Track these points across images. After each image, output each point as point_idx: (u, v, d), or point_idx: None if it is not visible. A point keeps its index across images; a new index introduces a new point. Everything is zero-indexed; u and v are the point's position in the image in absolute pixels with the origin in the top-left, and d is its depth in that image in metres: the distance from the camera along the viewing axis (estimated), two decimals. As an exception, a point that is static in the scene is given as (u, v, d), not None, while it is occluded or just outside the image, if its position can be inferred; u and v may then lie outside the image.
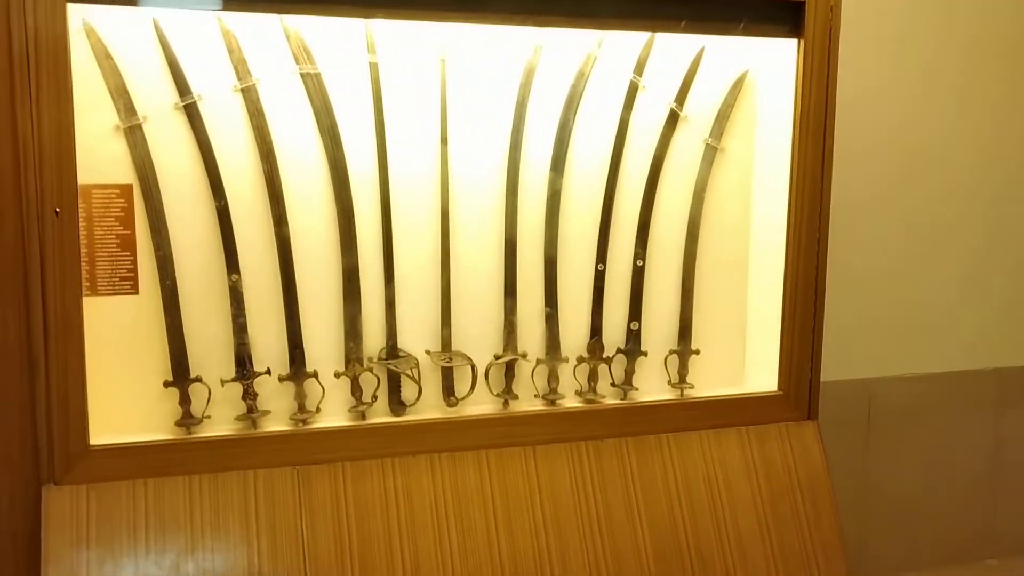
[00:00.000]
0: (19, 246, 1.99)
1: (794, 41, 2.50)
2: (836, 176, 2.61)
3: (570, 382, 2.69)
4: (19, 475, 2.07)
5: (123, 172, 2.28)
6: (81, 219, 2.11)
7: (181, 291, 2.35)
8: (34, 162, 1.95)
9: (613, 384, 2.74)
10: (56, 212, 1.98)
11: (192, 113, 2.32)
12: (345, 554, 2.20)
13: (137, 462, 2.13)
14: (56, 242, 2.00)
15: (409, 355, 2.56)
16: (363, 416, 2.50)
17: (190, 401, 2.38)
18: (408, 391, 2.55)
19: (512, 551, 2.31)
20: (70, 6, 2.00)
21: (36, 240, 1.99)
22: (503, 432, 2.45)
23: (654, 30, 2.47)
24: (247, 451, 2.24)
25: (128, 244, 2.31)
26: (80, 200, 2.09)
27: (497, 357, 2.62)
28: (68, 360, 2.04)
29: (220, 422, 2.40)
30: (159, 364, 2.36)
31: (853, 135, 2.96)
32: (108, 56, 2.21)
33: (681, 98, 2.68)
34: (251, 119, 2.36)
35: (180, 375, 2.37)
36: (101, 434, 2.15)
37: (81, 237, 2.09)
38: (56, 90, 1.96)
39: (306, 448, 2.29)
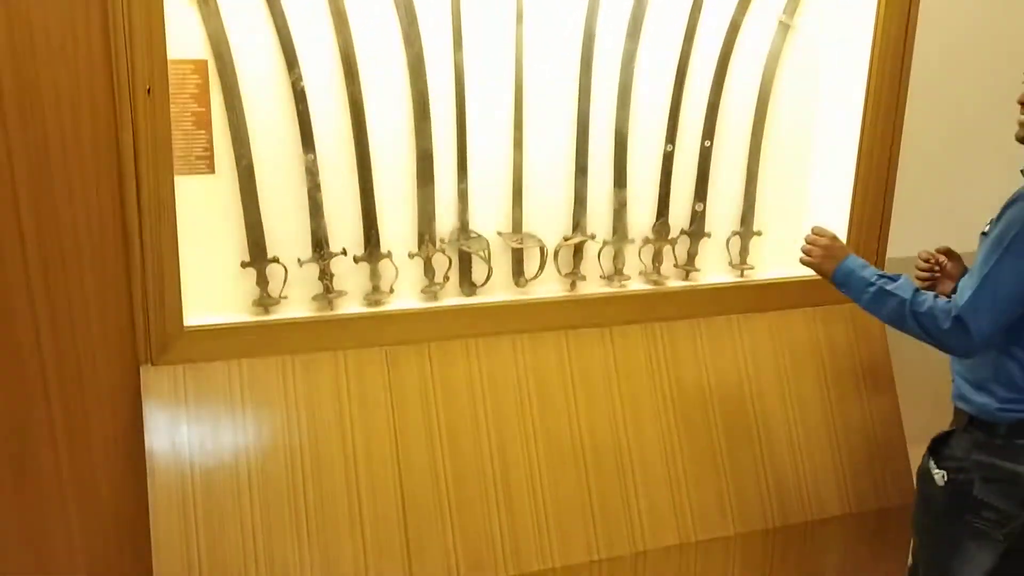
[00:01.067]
0: (113, 125, 1.93)
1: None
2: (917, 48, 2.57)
3: (635, 263, 2.71)
4: (118, 355, 2.08)
5: (197, 47, 2.20)
6: (158, 96, 2.05)
7: (257, 171, 2.32)
8: (124, 40, 1.88)
9: (676, 265, 2.76)
10: (148, 91, 1.92)
11: (267, -13, 2.23)
12: (434, 433, 2.25)
13: (231, 343, 2.15)
14: (148, 121, 1.95)
15: (480, 236, 2.55)
16: (435, 296, 2.51)
17: (267, 281, 2.38)
18: (479, 271, 2.56)
19: (591, 427, 2.38)
20: None
21: (129, 119, 1.93)
22: (579, 314, 2.48)
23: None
24: (337, 331, 2.25)
25: (203, 122, 2.26)
26: (155, 76, 2.02)
27: (566, 239, 2.62)
28: (162, 241, 2.02)
29: (297, 302, 2.41)
30: (236, 244, 2.35)
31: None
32: (180, -78, 2.11)
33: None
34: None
35: (257, 255, 2.36)
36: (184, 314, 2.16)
37: (159, 115, 2.04)
38: (145, -37, 1.87)
39: (393, 329, 2.30)
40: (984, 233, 1.98)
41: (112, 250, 2.02)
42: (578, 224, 2.62)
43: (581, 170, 2.58)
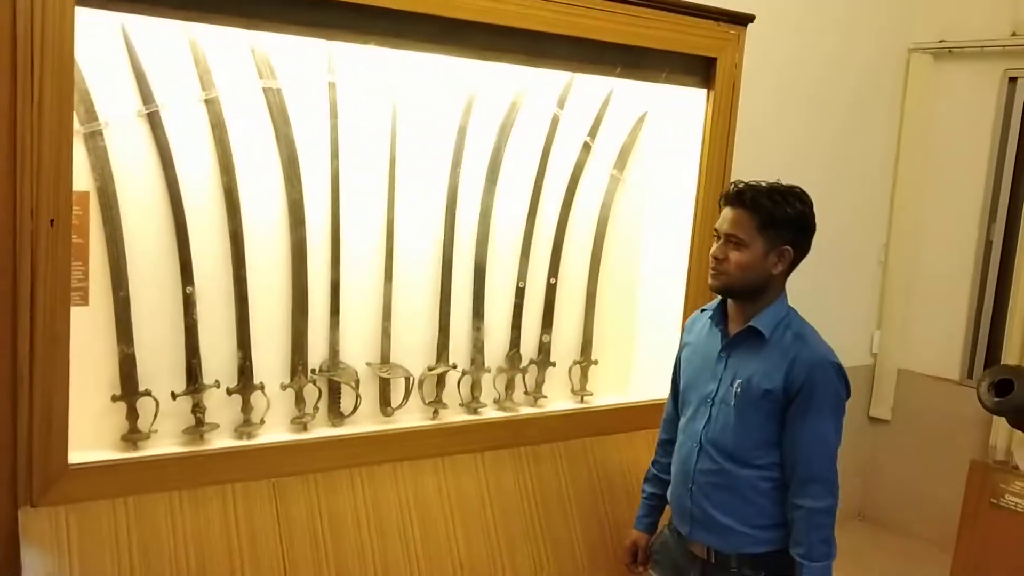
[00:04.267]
0: (11, 257, 1.88)
1: (703, 91, 2.85)
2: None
3: (489, 391, 2.88)
4: None
5: (80, 179, 2.19)
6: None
7: (133, 302, 2.30)
8: (31, 171, 1.87)
9: (526, 392, 2.96)
10: (51, 222, 1.90)
11: (155, 122, 2.28)
12: (322, 563, 2.26)
13: (116, 480, 2.07)
14: (50, 252, 1.91)
15: (349, 367, 2.64)
16: (305, 427, 2.54)
17: (138, 415, 2.33)
18: (347, 401, 2.63)
19: (469, 549, 2.47)
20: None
21: (28, 250, 1.89)
22: (451, 440, 2.60)
23: (595, 73, 2.71)
24: (225, 465, 2.23)
25: (81, 254, 2.23)
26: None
27: (430, 368, 2.76)
28: (55, 376, 1.95)
29: (166, 436, 2.37)
30: (106, 378, 2.29)
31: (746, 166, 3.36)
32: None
33: (593, 132, 2.96)
34: (213, 131, 2.36)
35: (129, 389, 2.32)
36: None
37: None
38: (59, 95, 1.88)
39: (281, 460, 2.31)
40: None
41: (3, 385, 1.93)
42: (441, 355, 2.76)
43: (445, 303, 2.74)
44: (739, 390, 2.12)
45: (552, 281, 2.97)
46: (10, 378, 1.93)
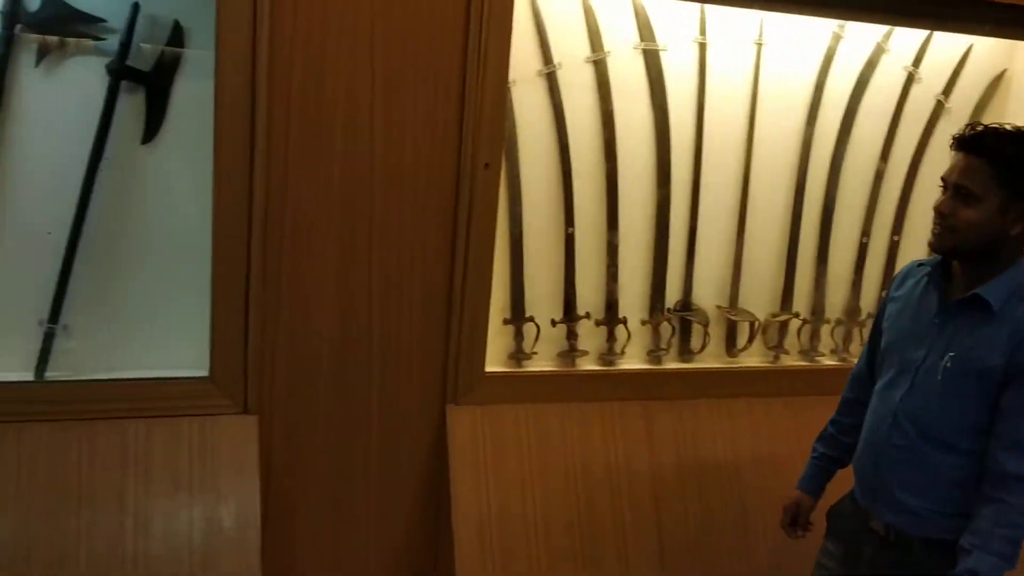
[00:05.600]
0: (454, 195, 2.25)
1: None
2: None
3: (827, 341, 3.00)
4: (429, 393, 2.37)
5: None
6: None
7: (525, 239, 2.62)
8: (474, 120, 2.21)
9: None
10: (486, 165, 2.25)
11: (551, 80, 2.57)
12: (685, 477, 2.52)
13: (521, 389, 2.43)
14: (482, 192, 2.26)
15: (701, 308, 2.85)
16: (659, 360, 2.80)
17: (523, 337, 2.67)
18: (696, 340, 2.85)
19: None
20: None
21: (468, 190, 2.25)
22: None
23: (958, 31, 2.74)
24: (606, 385, 2.53)
25: (489, 198, 2.58)
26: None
27: (774, 315, 2.92)
28: (480, 294, 2.32)
29: (543, 358, 2.69)
30: (499, 304, 2.64)
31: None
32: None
33: (947, 90, 2.97)
34: (599, 89, 2.62)
35: (517, 314, 2.66)
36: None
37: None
38: (499, 53, 2.21)
39: (653, 385, 2.59)
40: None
41: (438, 297, 2.32)
42: (784, 303, 2.92)
43: (791, 255, 2.89)
44: (949, 363, 1.85)
45: (895, 239, 3.03)
46: (446, 294, 2.32)
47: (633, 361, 2.79)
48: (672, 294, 2.82)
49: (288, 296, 2.24)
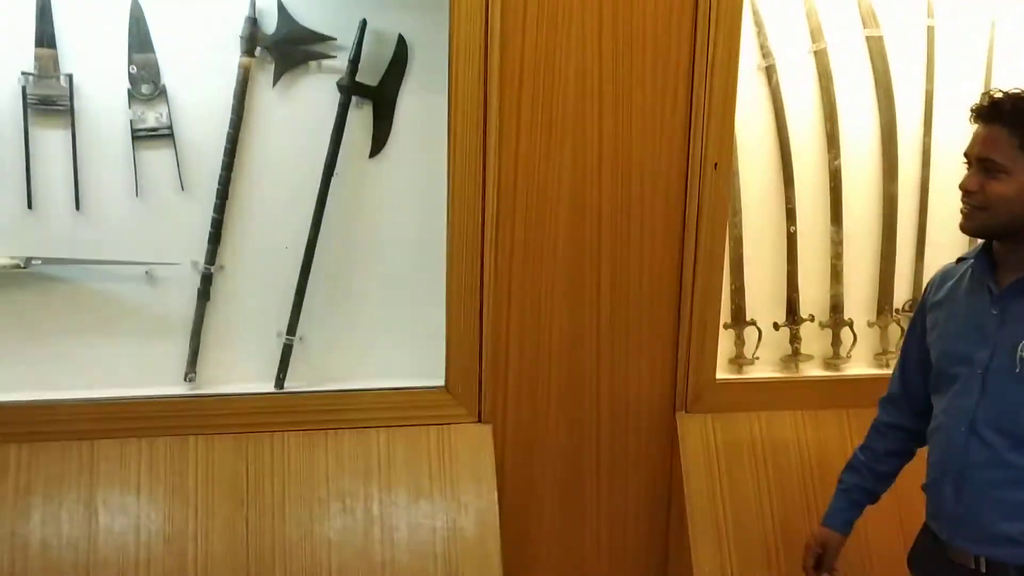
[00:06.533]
0: (683, 195, 2.20)
1: None
2: None
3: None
4: (657, 399, 2.33)
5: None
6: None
7: (744, 239, 2.53)
8: (702, 122, 2.15)
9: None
10: (715, 165, 2.18)
11: (769, 73, 2.48)
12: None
13: (752, 396, 2.34)
14: (711, 191, 2.20)
15: (932, 308, 2.68)
16: (887, 364, 2.64)
17: (744, 342, 2.57)
18: (927, 342, 2.68)
19: None
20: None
21: (696, 190, 2.19)
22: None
23: None
24: (838, 390, 2.42)
25: (704, 195, 2.50)
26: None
27: (1013, 313, 2.72)
28: (710, 295, 2.26)
29: (766, 363, 2.59)
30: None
31: None
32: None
33: None
34: (820, 80, 2.51)
35: (738, 318, 2.56)
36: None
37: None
38: (728, 52, 2.15)
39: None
40: None
41: (667, 302, 2.28)
42: None
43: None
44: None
45: None
46: (675, 298, 2.27)
47: (860, 365, 2.65)
48: (901, 294, 2.67)
49: (518, 304, 2.24)
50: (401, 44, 2.27)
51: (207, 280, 2.24)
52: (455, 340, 2.19)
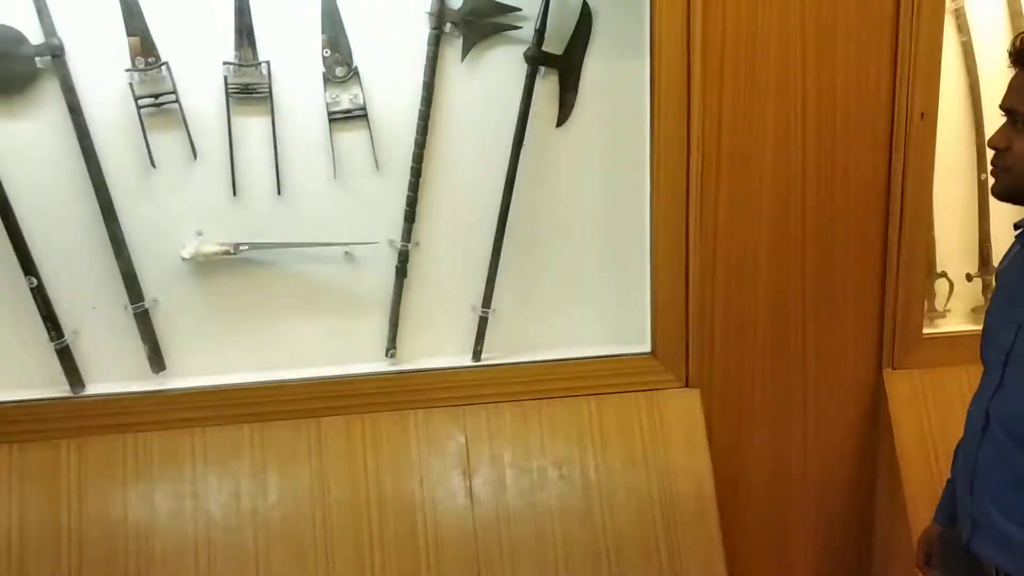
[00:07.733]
0: (888, 146, 2.15)
1: None
2: None
3: None
4: (863, 356, 2.31)
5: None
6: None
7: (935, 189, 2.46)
8: (909, 69, 2.09)
9: None
10: (921, 115, 2.12)
11: (959, 17, 2.38)
12: None
13: (958, 351, 2.28)
14: (918, 141, 2.14)
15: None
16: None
17: (935, 294, 2.51)
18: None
19: None
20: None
21: (903, 140, 2.14)
22: None
23: None
24: None
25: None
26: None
27: None
28: (916, 250, 2.21)
29: (957, 315, 2.52)
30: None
31: None
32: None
33: None
34: (1011, 20, 2.41)
35: (928, 270, 2.50)
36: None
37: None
38: (933, 6, 2.08)
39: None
40: None
41: (870, 260, 2.24)
42: None
43: None
44: None
45: None
46: (881, 250, 2.22)
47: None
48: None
49: (723, 263, 2.22)
50: (585, 11, 2.24)
51: (403, 257, 2.26)
52: (661, 305, 2.18)
